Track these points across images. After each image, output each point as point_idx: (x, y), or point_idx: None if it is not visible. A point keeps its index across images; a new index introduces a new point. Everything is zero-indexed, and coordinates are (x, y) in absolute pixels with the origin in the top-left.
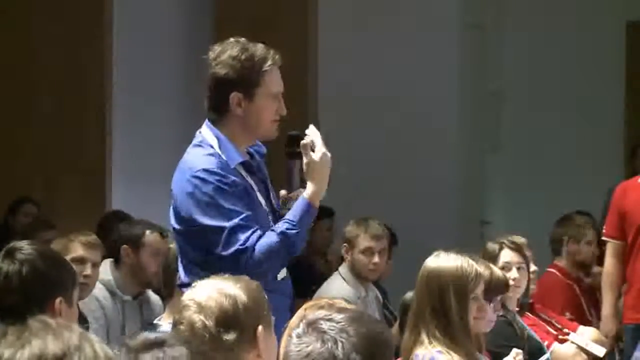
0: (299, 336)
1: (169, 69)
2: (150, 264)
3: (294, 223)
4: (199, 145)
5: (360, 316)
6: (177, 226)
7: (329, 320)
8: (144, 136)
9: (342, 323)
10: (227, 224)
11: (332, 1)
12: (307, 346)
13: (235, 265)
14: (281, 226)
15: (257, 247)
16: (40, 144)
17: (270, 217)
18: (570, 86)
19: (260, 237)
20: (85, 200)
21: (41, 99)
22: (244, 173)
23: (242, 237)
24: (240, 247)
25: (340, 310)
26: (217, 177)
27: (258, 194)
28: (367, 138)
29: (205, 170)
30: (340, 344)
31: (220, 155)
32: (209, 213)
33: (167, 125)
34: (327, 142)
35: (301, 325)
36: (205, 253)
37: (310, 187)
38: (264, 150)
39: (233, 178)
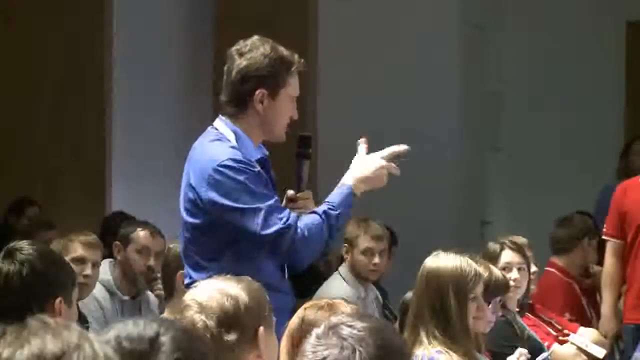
0: (318, 337)
1: (169, 69)
2: (137, 260)
3: (334, 204)
4: (218, 139)
5: (383, 327)
6: (196, 220)
7: (351, 326)
8: (144, 136)
9: (363, 332)
10: (263, 205)
11: (332, 1)
12: (325, 349)
13: (276, 244)
14: (322, 207)
15: (302, 225)
16: (40, 144)
17: None
18: (570, 86)
19: (297, 217)
20: (86, 200)
21: (41, 99)
22: (260, 170)
23: (282, 215)
24: (284, 224)
25: (363, 318)
26: (245, 165)
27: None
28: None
29: (233, 160)
30: (358, 353)
31: (239, 150)
32: (241, 198)
33: (167, 125)
34: (327, 142)
35: (322, 326)
36: (229, 243)
37: (353, 175)
38: (267, 153)
39: (259, 168)
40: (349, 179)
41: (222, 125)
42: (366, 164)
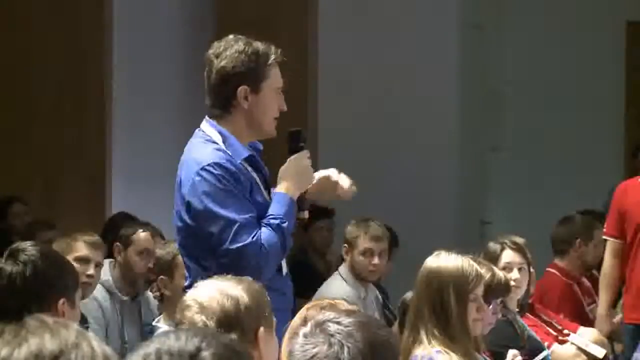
0: (305, 336)
1: (169, 69)
2: (137, 262)
3: (282, 217)
4: (203, 142)
5: (369, 321)
6: (184, 224)
7: (337, 323)
8: (144, 136)
9: (350, 328)
10: (239, 218)
11: (332, 1)
12: (314, 347)
13: (238, 259)
14: (273, 222)
15: (264, 242)
16: (40, 144)
17: None
18: (570, 86)
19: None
20: (86, 200)
21: (41, 99)
22: (248, 168)
23: (253, 232)
24: (251, 241)
25: (349, 313)
26: (226, 173)
27: (262, 189)
28: (366, 138)
29: (215, 164)
30: (346, 349)
31: (226, 151)
32: (217, 205)
33: (167, 125)
34: (327, 142)
35: (309, 324)
36: (211, 251)
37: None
38: (260, 147)
39: (241, 176)
40: (284, 189)
41: (208, 127)
42: (293, 171)
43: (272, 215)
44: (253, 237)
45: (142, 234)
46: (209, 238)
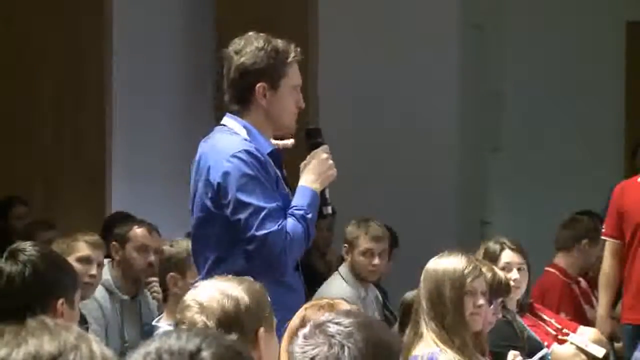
0: (305, 337)
1: (169, 69)
2: (136, 259)
3: (306, 208)
4: (229, 134)
5: (369, 322)
6: (205, 213)
7: (337, 324)
8: (144, 136)
9: (350, 328)
10: (267, 205)
11: (332, 1)
12: (314, 348)
13: (264, 246)
14: (297, 212)
15: (289, 231)
16: (40, 144)
17: None
18: (570, 86)
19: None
20: (86, 200)
21: (41, 99)
22: (271, 162)
23: (279, 220)
24: (277, 228)
25: (349, 314)
26: (256, 161)
27: (283, 183)
28: (367, 138)
29: (246, 152)
30: (347, 349)
31: (251, 143)
32: (247, 193)
33: (167, 125)
34: (326, 142)
35: (308, 325)
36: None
37: (310, 177)
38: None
39: (268, 166)
40: (306, 183)
41: (231, 121)
42: (315, 165)
43: (295, 206)
44: (279, 226)
45: (138, 230)
46: (236, 225)
